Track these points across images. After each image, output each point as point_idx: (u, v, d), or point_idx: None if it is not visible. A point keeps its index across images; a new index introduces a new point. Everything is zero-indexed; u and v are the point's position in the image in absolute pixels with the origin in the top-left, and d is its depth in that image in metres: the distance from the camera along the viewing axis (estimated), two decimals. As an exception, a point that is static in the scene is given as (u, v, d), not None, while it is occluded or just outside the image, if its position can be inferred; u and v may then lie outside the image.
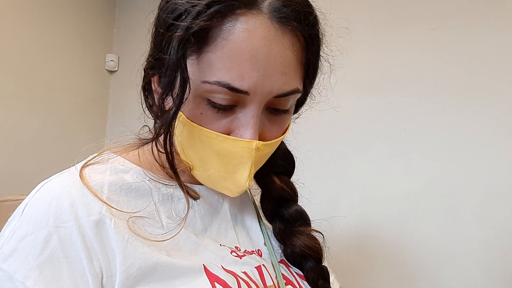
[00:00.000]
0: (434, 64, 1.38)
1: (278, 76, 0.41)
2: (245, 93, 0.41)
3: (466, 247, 1.27)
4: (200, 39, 0.40)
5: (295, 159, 0.59)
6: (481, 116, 1.29)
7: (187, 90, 0.41)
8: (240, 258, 0.49)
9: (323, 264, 0.55)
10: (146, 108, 0.52)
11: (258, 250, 0.54)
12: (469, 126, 1.31)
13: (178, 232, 0.45)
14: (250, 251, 0.52)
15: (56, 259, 0.39)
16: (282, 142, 0.57)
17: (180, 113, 0.43)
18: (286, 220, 0.55)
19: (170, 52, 0.40)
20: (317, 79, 0.51)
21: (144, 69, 0.49)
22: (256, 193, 0.62)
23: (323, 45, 0.47)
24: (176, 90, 0.41)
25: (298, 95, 0.46)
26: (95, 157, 0.49)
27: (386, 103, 1.45)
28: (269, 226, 0.59)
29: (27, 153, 1.78)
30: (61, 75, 1.94)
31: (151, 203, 0.46)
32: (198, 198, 0.50)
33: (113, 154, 0.50)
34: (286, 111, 0.46)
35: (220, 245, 0.49)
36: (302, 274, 0.55)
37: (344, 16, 1.53)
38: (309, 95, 0.52)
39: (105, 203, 0.42)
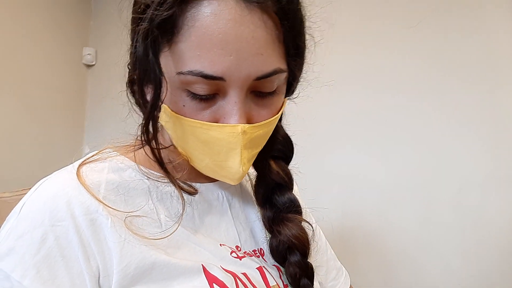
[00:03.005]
0: (412, 60, 1.42)
1: (253, 58, 0.39)
2: (221, 79, 0.39)
3: (442, 235, 1.32)
4: (167, 30, 0.39)
5: (294, 145, 0.56)
6: (455, 111, 1.34)
7: (163, 83, 0.40)
8: (240, 260, 0.47)
9: (308, 260, 0.52)
10: (134, 104, 0.49)
11: (260, 249, 0.53)
12: (445, 120, 1.36)
13: (175, 230, 0.44)
14: (251, 251, 0.51)
15: (53, 258, 0.38)
16: (282, 127, 0.55)
17: (165, 106, 0.42)
18: (277, 207, 0.53)
19: (138, 46, 0.39)
20: (307, 54, 0.48)
21: (127, 65, 0.47)
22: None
23: (304, 17, 0.44)
24: (152, 84, 0.40)
25: (282, 75, 0.43)
26: (94, 154, 0.48)
27: (365, 96, 1.48)
28: None
29: (2, 148, 1.72)
30: (38, 69, 1.88)
31: (149, 202, 0.45)
32: (196, 193, 0.49)
33: (113, 152, 0.49)
34: (273, 93, 0.44)
35: (220, 244, 0.48)
36: None
37: (323, 14, 1.56)
38: (300, 73, 0.49)
39: (101, 202, 0.41)
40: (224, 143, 0.42)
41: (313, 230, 0.54)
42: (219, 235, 0.49)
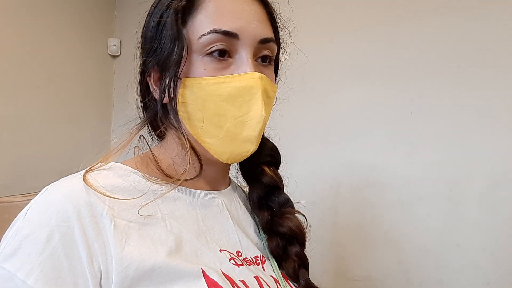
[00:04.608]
0: (444, 42, 1.33)
1: (256, 23, 0.50)
2: (235, 35, 0.48)
3: (470, 234, 1.26)
4: (192, 6, 0.50)
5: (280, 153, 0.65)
6: (490, 99, 1.26)
7: (185, 51, 0.48)
8: (238, 267, 0.49)
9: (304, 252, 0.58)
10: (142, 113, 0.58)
11: (262, 256, 0.56)
12: (477, 109, 1.27)
13: (176, 185, 0.50)
14: (253, 257, 0.54)
15: (57, 257, 0.39)
16: (269, 139, 0.64)
17: (186, 78, 0.49)
18: (274, 208, 0.59)
19: (167, 17, 0.49)
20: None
21: (140, 71, 0.56)
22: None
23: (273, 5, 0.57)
24: (174, 51, 0.48)
25: (275, 46, 0.54)
26: (97, 163, 0.51)
27: (391, 84, 1.41)
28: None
29: (33, 142, 1.78)
30: (64, 62, 1.92)
31: (154, 204, 0.48)
32: (201, 174, 0.53)
33: (116, 163, 0.52)
34: (269, 65, 0.54)
35: (220, 250, 0.50)
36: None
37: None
38: (279, 50, 0.59)
39: (107, 195, 0.44)
40: (246, 91, 0.49)
41: (306, 223, 0.61)
42: (221, 239, 0.52)
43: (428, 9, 1.36)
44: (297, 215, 0.60)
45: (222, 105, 0.49)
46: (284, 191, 0.64)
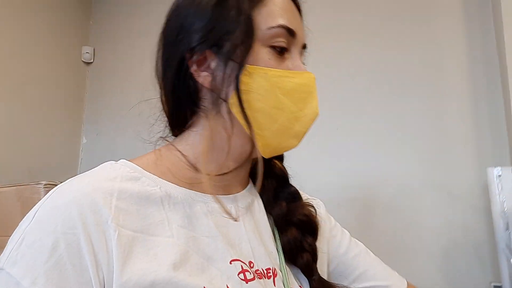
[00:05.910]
0: (368, 70, 1.56)
1: (302, 28, 0.53)
2: (294, 35, 0.50)
3: (376, 237, 1.45)
4: None
5: None
6: (399, 120, 1.50)
7: (252, 36, 0.47)
8: (246, 283, 0.46)
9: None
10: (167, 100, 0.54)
11: (274, 269, 0.51)
12: (388, 128, 1.51)
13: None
14: (265, 269, 0.50)
15: (63, 265, 0.39)
16: None
17: (251, 66, 0.47)
18: (288, 198, 0.59)
19: (238, 6, 0.48)
20: None
21: (163, 51, 0.53)
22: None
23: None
24: (243, 36, 0.47)
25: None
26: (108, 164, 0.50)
27: (323, 104, 1.62)
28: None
29: (5, 141, 1.83)
30: (39, 67, 2.00)
31: (161, 212, 0.46)
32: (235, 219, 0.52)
33: (127, 161, 0.50)
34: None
35: (231, 261, 0.46)
36: None
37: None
38: None
39: (111, 212, 0.42)
40: (305, 88, 0.51)
41: (316, 214, 0.61)
42: (233, 248, 0.48)
43: (356, 38, 1.60)
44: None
45: (281, 98, 0.48)
46: None
